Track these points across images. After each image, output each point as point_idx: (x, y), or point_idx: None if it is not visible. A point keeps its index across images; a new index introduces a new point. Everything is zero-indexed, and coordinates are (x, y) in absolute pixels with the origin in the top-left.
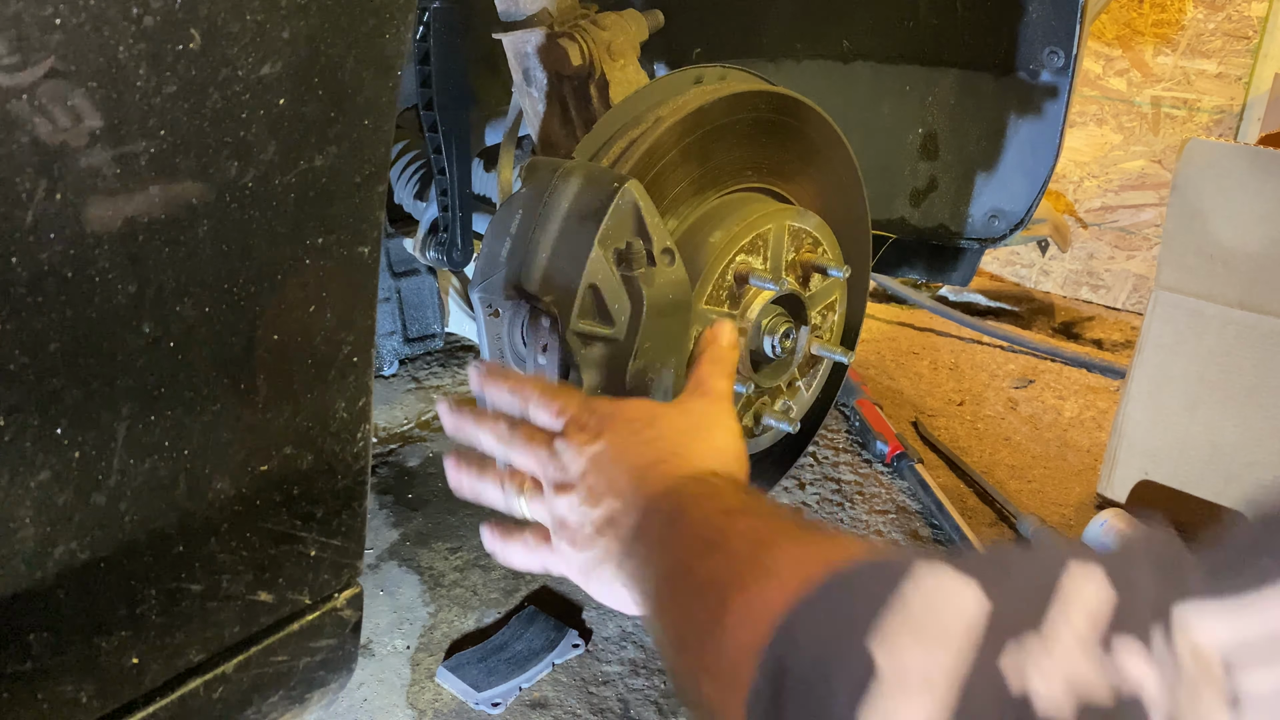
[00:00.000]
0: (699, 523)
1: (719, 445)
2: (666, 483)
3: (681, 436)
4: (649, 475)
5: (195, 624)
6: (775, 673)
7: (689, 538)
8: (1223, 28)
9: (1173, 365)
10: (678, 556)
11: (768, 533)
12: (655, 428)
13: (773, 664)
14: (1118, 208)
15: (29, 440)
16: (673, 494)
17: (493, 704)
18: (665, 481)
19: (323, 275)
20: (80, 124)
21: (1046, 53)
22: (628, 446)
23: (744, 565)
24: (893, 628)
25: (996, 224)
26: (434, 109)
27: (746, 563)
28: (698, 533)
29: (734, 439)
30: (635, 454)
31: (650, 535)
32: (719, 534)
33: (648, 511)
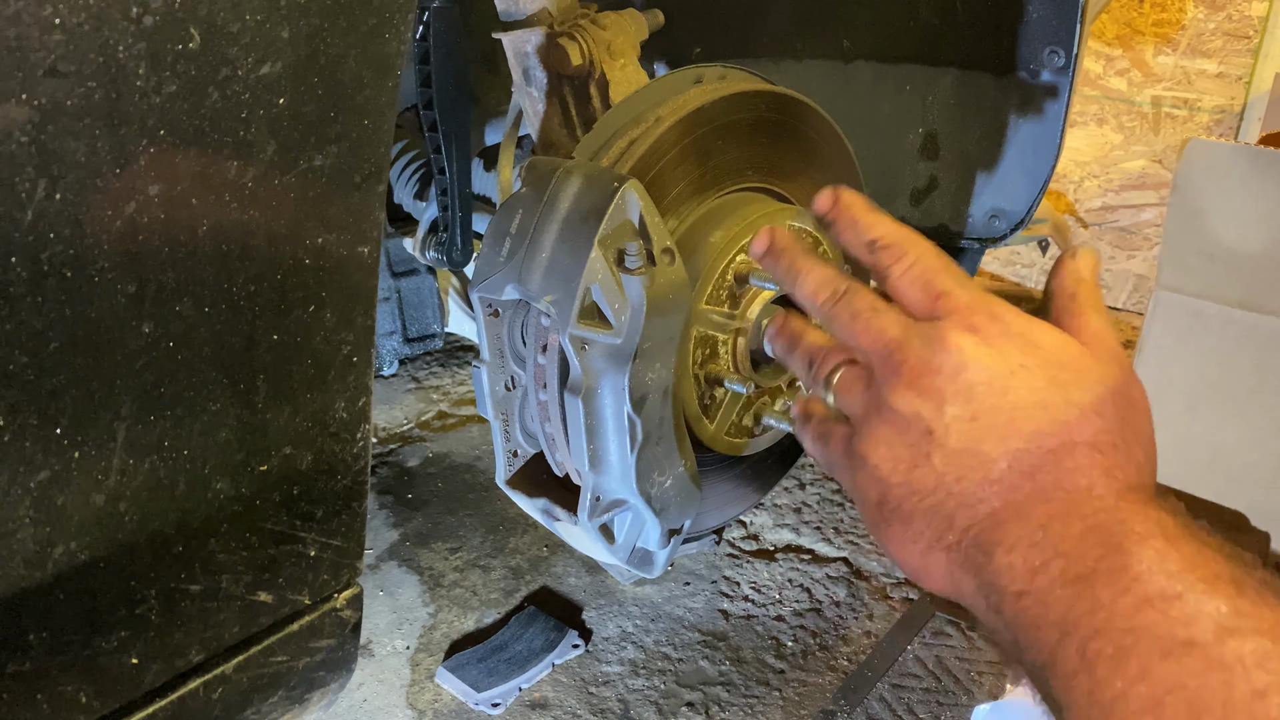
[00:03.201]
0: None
1: (1151, 453)
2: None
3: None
4: (1071, 457)
5: (195, 624)
6: None
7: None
8: (1223, 27)
9: (1173, 365)
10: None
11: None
12: (1092, 390)
13: None
14: (1118, 207)
15: (29, 440)
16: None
17: (492, 704)
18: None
19: (322, 275)
20: (80, 124)
21: (1047, 52)
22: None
23: None
24: None
25: (997, 224)
26: (434, 109)
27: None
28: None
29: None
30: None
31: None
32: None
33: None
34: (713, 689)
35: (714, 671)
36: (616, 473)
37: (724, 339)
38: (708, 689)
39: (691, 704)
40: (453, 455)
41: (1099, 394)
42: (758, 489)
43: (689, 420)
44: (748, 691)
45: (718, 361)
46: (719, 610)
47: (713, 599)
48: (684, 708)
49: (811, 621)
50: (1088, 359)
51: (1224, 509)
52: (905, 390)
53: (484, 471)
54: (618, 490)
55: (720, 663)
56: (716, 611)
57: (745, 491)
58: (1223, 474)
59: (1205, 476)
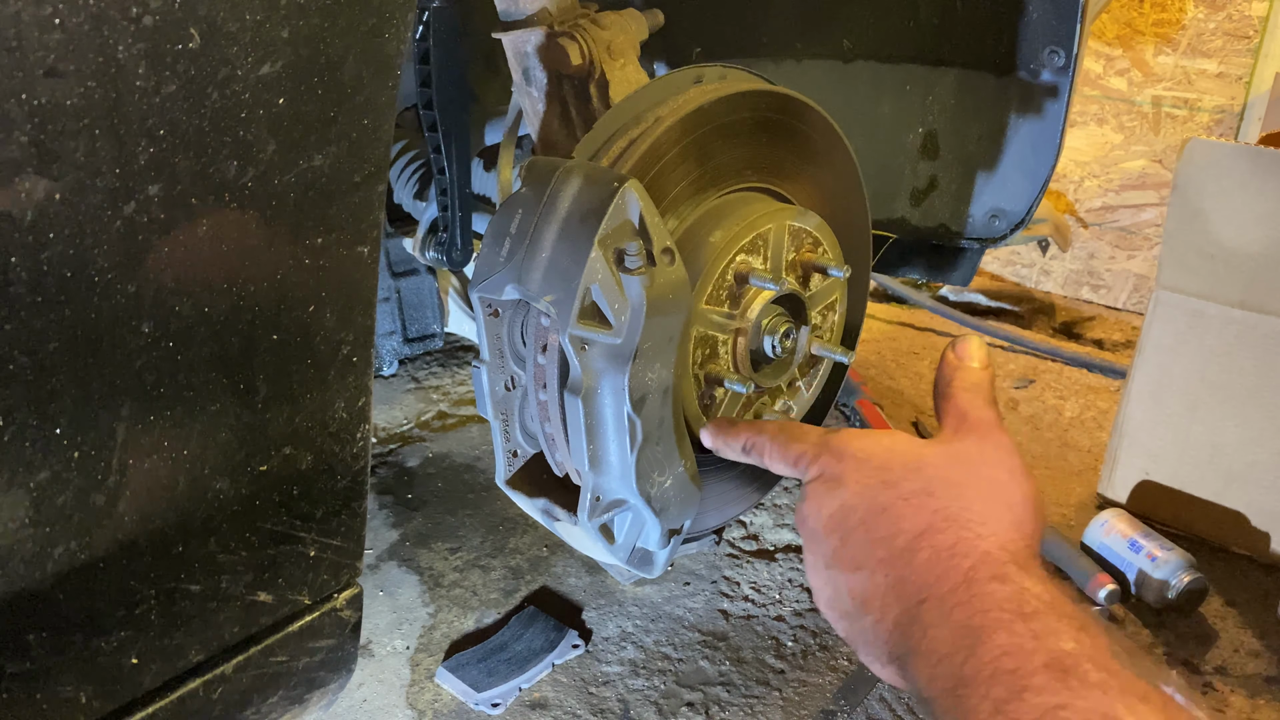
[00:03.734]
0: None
1: (1007, 498)
2: (947, 564)
3: (956, 492)
4: (919, 547)
5: (194, 624)
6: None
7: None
8: (1223, 27)
9: (1173, 365)
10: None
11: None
12: (919, 478)
13: None
14: (1118, 207)
15: (29, 440)
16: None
17: (492, 704)
18: (945, 562)
19: (322, 275)
20: (80, 124)
21: (1047, 52)
22: (883, 502)
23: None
24: None
25: (997, 224)
26: (434, 109)
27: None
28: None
29: (1022, 482)
30: (895, 514)
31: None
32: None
33: (928, 603)
34: (713, 689)
35: (714, 671)
36: (616, 473)
37: (724, 339)
38: (708, 689)
39: (691, 704)
40: (453, 455)
41: (930, 480)
42: (758, 489)
43: (689, 420)
44: (748, 691)
45: (718, 361)
46: (719, 610)
47: (713, 599)
48: (684, 708)
49: (811, 621)
50: (918, 449)
51: (1224, 509)
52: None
53: (484, 471)
54: (618, 490)
55: (720, 663)
56: (716, 611)
57: (745, 491)
58: (1223, 474)
59: (1205, 476)
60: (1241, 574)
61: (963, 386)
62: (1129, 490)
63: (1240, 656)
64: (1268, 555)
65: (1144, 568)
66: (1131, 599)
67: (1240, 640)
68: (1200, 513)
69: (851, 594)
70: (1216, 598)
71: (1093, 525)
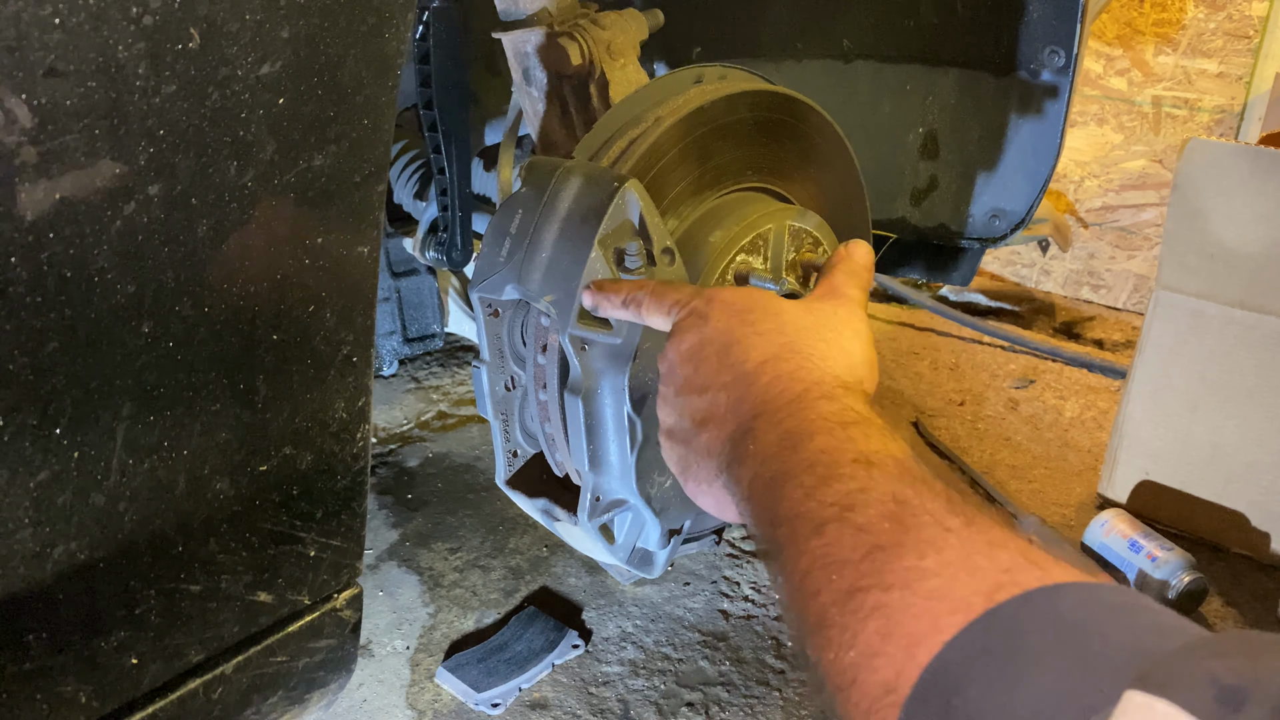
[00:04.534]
0: (829, 464)
1: (847, 347)
2: (785, 385)
3: (804, 333)
4: (763, 371)
5: (194, 624)
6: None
7: (816, 480)
8: (1223, 27)
9: (1173, 365)
10: (801, 500)
11: (915, 509)
12: (775, 319)
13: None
14: (1118, 207)
15: (29, 440)
16: (794, 404)
17: (492, 704)
18: (783, 384)
19: (322, 275)
20: (80, 123)
21: (1047, 52)
22: (738, 336)
23: (882, 554)
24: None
25: (997, 223)
26: (434, 109)
27: (886, 550)
28: (827, 477)
29: (865, 344)
30: (747, 345)
31: (765, 448)
32: (854, 492)
33: (762, 416)
34: (713, 689)
35: (714, 672)
36: (616, 473)
37: None
38: (708, 689)
39: (691, 704)
40: (453, 455)
41: (784, 321)
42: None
43: None
44: (748, 692)
45: None
46: (719, 610)
47: (713, 599)
48: (684, 708)
49: None
50: (779, 301)
51: (1224, 509)
52: (664, 377)
53: (484, 472)
54: (618, 490)
55: (720, 663)
56: (716, 612)
57: None
58: (1223, 474)
59: (1205, 476)
60: (1241, 574)
61: (843, 270)
62: (1129, 490)
63: None
64: (1268, 555)
65: (1144, 568)
66: None
67: None
68: (1200, 513)
69: (694, 415)
70: (1216, 598)
71: (1093, 525)
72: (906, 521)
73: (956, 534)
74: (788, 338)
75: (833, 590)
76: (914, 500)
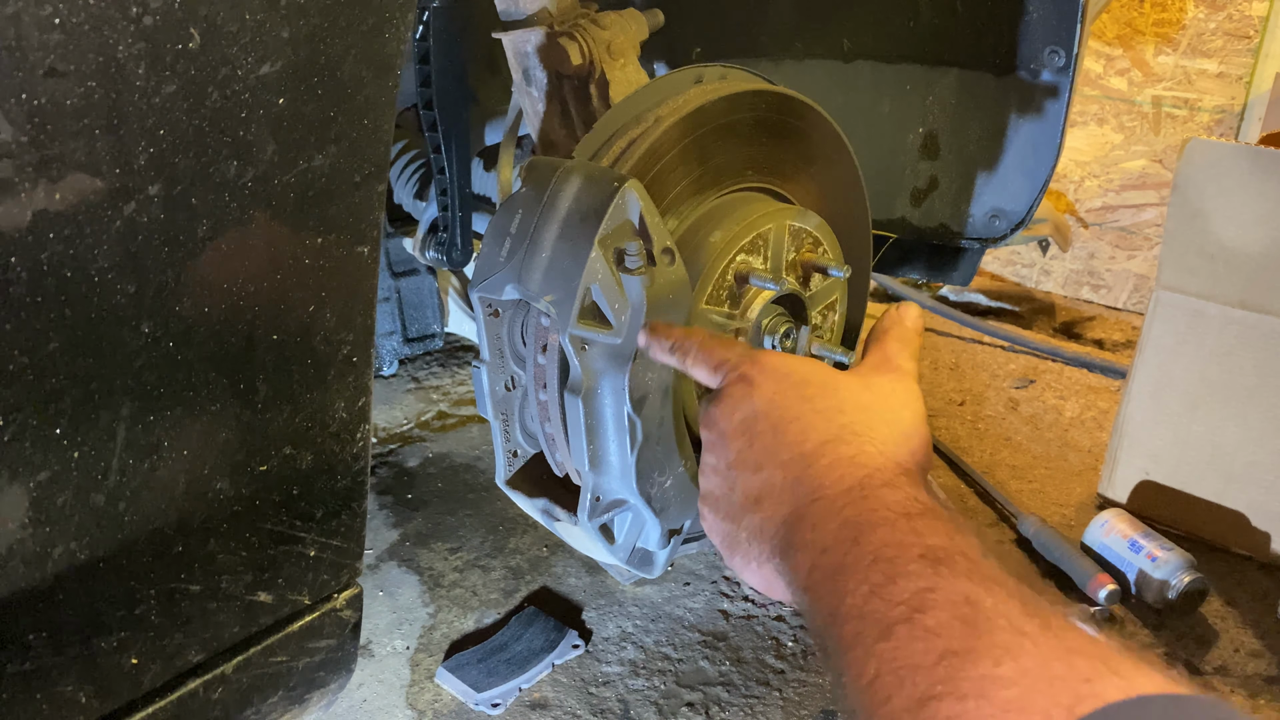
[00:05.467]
0: (895, 561)
1: (907, 429)
2: (845, 470)
3: (864, 414)
4: (823, 453)
5: (194, 624)
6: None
7: (882, 578)
8: (1224, 27)
9: (1174, 365)
10: (866, 599)
11: (988, 611)
12: (833, 396)
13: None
14: (1119, 207)
15: (29, 440)
16: (855, 491)
17: (492, 704)
18: (843, 468)
19: (322, 275)
20: (79, 123)
21: (1047, 52)
22: (797, 413)
23: (956, 661)
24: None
25: (997, 224)
26: (434, 109)
27: (963, 660)
28: (894, 575)
29: (922, 423)
30: (805, 423)
31: (827, 539)
32: (924, 592)
33: (820, 501)
34: (713, 689)
35: (714, 672)
36: (616, 473)
37: None
38: (708, 689)
39: (691, 704)
40: (453, 455)
41: (843, 399)
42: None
43: (689, 420)
44: (748, 692)
45: None
46: (719, 610)
47: (713, 599)
48: (684, 708)
49: None
50: (836, 376)
51: (1224, 509)
52: (711, 446)
53: (484, 471)
54: (618, 490)
55: (720, 663)
56: (716, 612)
57: None
58: (1223, 474)
59: (1205, 476)
60: (1241, 574)
61: (895, 337)
62: (1129, 490)
63: (1240, 656)
64: (1268, 555)
65: (1144, 568)
66: (1132, 599)
67: (1240, 640)
68: (1200, 513)
69: (746, 493)
70: (1216, 598)
71: (1093, 525)
72: (980, 625)
73: (1032, 639)
74: (848, 418)
75: (904, 697)
76: (987, 602)
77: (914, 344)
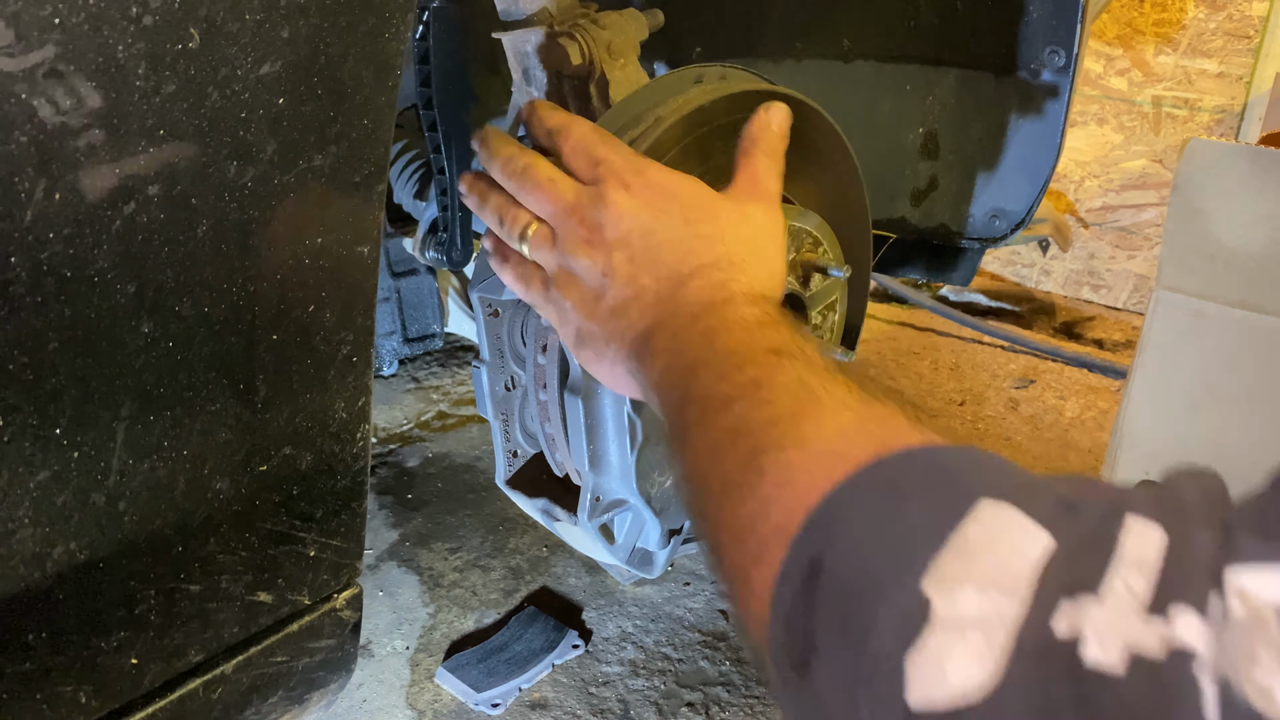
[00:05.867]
0: (743, 354)
1: (773, 267)
2: (713, 293)
3: (740, 246)
4: (697, 276)
5: (194, 624)
6: (809, 568)
7: (730, 367)
8: (1224, 27)
9: (1174, 365)
10: (713, 384)
11: (817, 389)
12: (714, 224)
13: (806, 557)
14: (1119, 207)
15: (28, 440)
16: (719, 308)
17: (492, 705)
18: (711, 291)
19: (322, 275)
20: (79, 123)
21: (1047, 52)
22: (679, 235)
23: (785, 422)
24: (951, 570)
25: (997, 223)
26: (434, 108)
27: (788, 420)
28: (740, 364)
29: (784, 260)
30: (685, 247)
31: (684, 343)
32: (764, 374)
33: (688, 316)
34: (713, 689)
35: (714, 672)
36: (616, 473)
37: None
38: (708, 689)
39: (692, 704)
40: (452, 455)
41: (722, 228)
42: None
43: None
44: (748, 692)
45: None
46: (719, 610)
47: (713, 599)
48: (684, 708)
49: None
50: (716, 200)
51: None
52: (584, 246)
53: (484, 472)
54: (618, 490)
55: (720, 663)
56: (717, 612)
57: None
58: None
59: None
60: None
61: (764, 150)
62: None
63: None
64: None
65: None
66: None
67: None
68: None
69: (616, 299)
70: None
71: None
72: (807, 398)
73: (854, 410)
74: (725, 248)
75: (737, 456)
76: (817, 382)
77: (780, 155)
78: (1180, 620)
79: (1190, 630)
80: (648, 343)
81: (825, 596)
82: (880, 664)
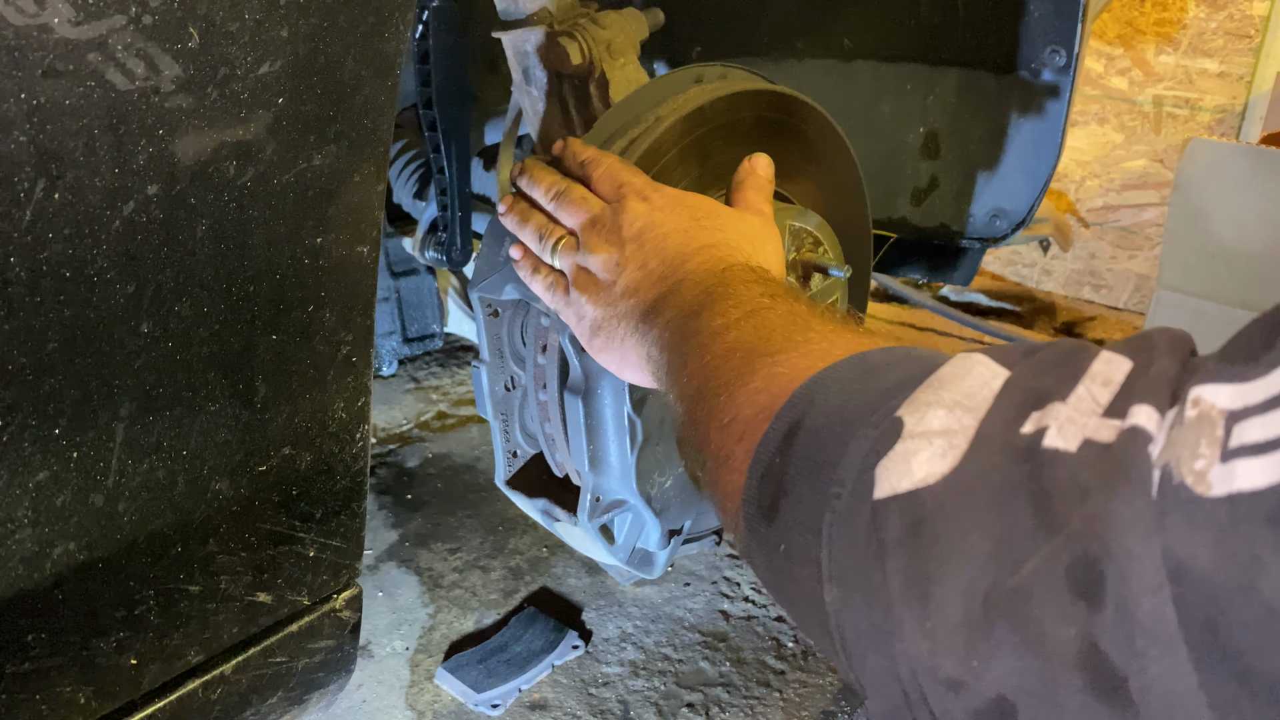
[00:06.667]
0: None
1: (771, 259)
2: (713, 265)
3: (739, 236)
4: (699, 253)
5: (194, 625)
6: (788, 430)
7: (728, 306)
8: (1224, 26)
9: None
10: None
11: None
12: (717, 218)
13: (786, 423)
14: (1119, 207)
15: (28, 440)
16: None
17: (492, 705)
18: (712, 263)
19: (322, 275)
20: (80, 124)
21: (1048, 52)
22: (686, 226)
23: (778, 337)
24: (923, 398)
25: (998, 223)
26: (434, 108)
27: (780, 335)
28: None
29: (781, 258)
30: (690, 234)
31: (687, 300)
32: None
33: (690, 283)
34: (713, 690)
35: (714, 672)
36: (616, 473)
37: None
38: (708, 690)
39: (692, 705)
40: (452, 456)
41: (724, 222)
42: None
43: None
44: (748, 692)
45: None
46: (719, 611)
47: (713, 600)
48: (684, 709)
49: None
50: (722, 209)
51: None
52: (602, 244)
53: (484, 472)
54: (618, 491)
55: (721, 664)
56: (717, 612)
57: None
58: None
59: None
60: None
61: (751, 187)
62: None
63: None
64: None
65: None
66: None
67: None
68: None
69: (627, 283)
70: None
71: None
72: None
73: (840, 333)
74: (726, 234)
75: (732, 365)
76: (810, 313)
77: (768, 191)
78: (1137, 413)
79: (1145, 418)
80: (654, 309)
81: (800, 445)
82: (847, 481)
